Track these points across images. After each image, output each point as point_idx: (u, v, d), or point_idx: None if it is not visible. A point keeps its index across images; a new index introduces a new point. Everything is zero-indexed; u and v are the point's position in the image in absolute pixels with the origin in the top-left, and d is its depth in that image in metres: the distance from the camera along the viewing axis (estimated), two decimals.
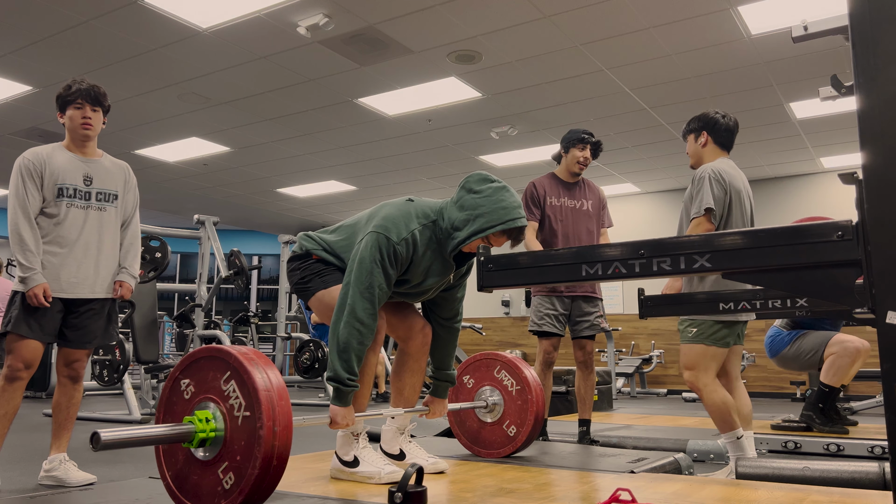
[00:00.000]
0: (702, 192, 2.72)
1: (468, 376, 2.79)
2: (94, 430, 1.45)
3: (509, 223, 2.09)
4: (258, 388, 1.55)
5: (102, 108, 2.78)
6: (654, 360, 9.16)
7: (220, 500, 1.57)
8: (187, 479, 1.64)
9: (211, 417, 1.60)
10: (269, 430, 1.53)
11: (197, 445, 1.60)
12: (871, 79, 1.12)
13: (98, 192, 2.77)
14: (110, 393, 7.56)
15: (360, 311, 2.03)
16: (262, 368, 1.60)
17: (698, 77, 5.96)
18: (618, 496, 1.70)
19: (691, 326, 2.75)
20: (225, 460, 1.58)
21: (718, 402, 2.70)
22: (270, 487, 1.57)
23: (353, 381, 2.04)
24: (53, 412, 2.76)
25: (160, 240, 5.02)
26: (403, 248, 2.10)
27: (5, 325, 2.62)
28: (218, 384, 1.62)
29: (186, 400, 1.68)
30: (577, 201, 3.65)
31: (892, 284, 1.08)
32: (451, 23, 4.98)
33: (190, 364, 1.70)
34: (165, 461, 1.70)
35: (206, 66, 5.76)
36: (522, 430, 2.64)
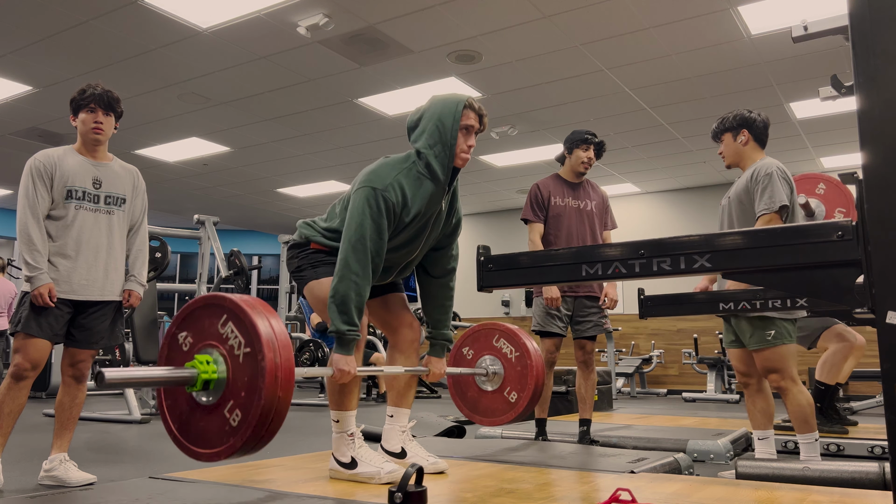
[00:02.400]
0: (772, 189, 2.70)
1: (468, 347, 2.80)
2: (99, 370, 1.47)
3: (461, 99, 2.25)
4: (256, 324, 1.57)
5: (115, 113, 2.80)
6: (654, 360, 9.16)
7: (228, 438, 1.57)
8: (194, 426, 1.65)
9: (211, 360, 1.62)
10: (272, 362, 1.54)
11: (200, 388, 1.60)
12: (871, 79, 1.12)
13: (107, 196, 2.79)
14: (110, 393, 7.56)
15: (354, 262, 2.08)
16: (258, 308, 1.62)
17: (698, 77, 5.96)
18: (618, 496, 1.70)
19: (768, 329, 2.69)
20: (230, 399, 1.59)
21: (805, 404, 2.70)
22: (278, 421, 1.57)
23: (353, 331, 2.08)
24: (56, 412, 2.77)
25: (160, 240, 5.02)
26: (392, 194, 2.14)
27: (15, 324, 2.63)
28: (215, 329, 1.64)
29: (185, 352, 1.69)
30: (581, 201, 3.65)
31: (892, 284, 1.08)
32: (451, 23, 4.98)
33: (185, 317, 1.71)
34: (170, 414, 1.70)
35: (206, 66, 5.76)
36: (523, 395, 2.64)
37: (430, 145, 2.23)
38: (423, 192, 2.21)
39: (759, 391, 2.87)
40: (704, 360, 8.14)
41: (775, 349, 2.69)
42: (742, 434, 3.71)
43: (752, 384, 2.87)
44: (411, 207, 2.19)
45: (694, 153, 8.20)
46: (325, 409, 6.47)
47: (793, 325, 2.75)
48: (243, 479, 2.23)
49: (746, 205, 2.81)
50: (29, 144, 7.65)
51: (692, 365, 8.96)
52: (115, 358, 5.37)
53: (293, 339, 7.79)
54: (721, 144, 2.97)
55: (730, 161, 2.95)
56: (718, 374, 8.00)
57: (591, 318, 3.55)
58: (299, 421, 5.39)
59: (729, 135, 2.92)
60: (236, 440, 1.55)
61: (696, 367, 8.78)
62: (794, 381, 2.72)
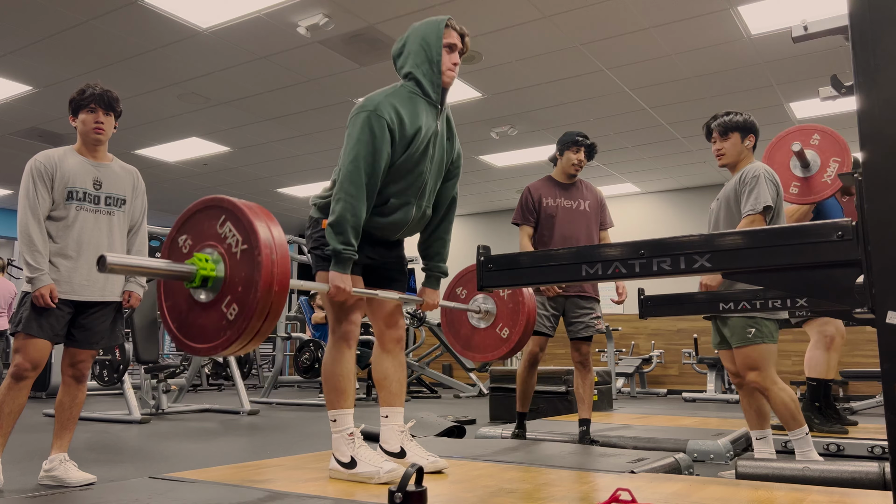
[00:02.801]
0: (758, 190, 2.73)
1: (461, 287, 2.85)
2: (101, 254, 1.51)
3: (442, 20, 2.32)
4: (253, 221, 1.62)
5: (115, 112, 2.80)
6: (654, 360, 9.16)
7: (225, 331, 1.62)
8: (193, 324, 1.70)
9: (210, 258, 1.66)
10: (268, 258, 1.59)
11: (199, 283, 1.65)
12: (871, 79, 1.12)
13: (107, 197, 2.79)
14: (110, 393, 7.56)
15: (348, 184, 2.16)
16: (254, 209, 1.67)
17: (698, 77, 5.96)
18: (618, 496, 1.70)
19: (750, 327, 2.72)
20: (227, 295, 1.64)
21: (787, 400, 2.72)
22: (274, 315, 1.61)
23: (349, 250, 2.13)
24: (56, 411, 2.77)
25: (160, 240, 5.03)
26: (385, 113, 2.20)
27: (15, 324, 2.63)
28: (214, 230, 1.69)
29: (185, 254, 1.73)
30: (574, 201, 3.67)
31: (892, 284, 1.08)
32: None
33: (185, 221, 1.76)
34: (170, 314, 1.76)
35: (206, 66, 5.76)
36: (515, 331, 2.69)
37: (417, 65, 2.31)
38: (415, 109, 2.28)
39: (753, 391, 2.89)
40: (704, 360, 8.14)
41: (756, 347, 2.72)
42: (742, 434, 3.71)
43: (745, 384, 2.89)
44: (407, 122, 2.25)
45: (694, 153, 8.20)
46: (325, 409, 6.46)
47: (775, 325, 2.77)
48: (243, 479, 2.23)
49: (733, 207, 2.84)
50: (29, 144, 7.65)
51: (692, 365, 8.96)
52: (115, 358, 5.37)
53: (293, 339, 7.81)
54: (721, 140, 2.93)
55: (729, 160, 2.93)
56: (718, 374, 7.99)
57: (582, 319, 3.57)
58: (299, 421, 5.39)
59: (738, 134, 2.91)
60: (232, 333, 1.60)
61: (696, 367, 8.78)
62: (774, 381, 2.74)
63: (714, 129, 2.96)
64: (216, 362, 8.39)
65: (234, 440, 4.22)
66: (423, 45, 2.31)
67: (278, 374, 7.53)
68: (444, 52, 2.32)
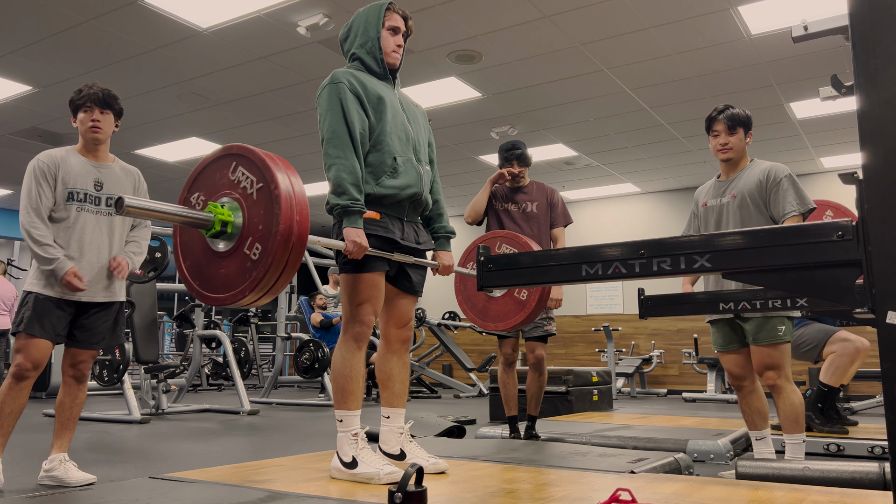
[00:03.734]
0: (798, 191, 2.74)
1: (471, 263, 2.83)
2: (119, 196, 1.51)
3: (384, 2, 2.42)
4: (265, 160, 1.62)
5: (113, 110, 2.79)
6: (654, 360, 9.16)
7: (250, 272, 1.60)
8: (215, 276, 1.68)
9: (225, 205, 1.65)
10: (286, 191, 1.58)
11: (219, 228, 1.63)
12: (871, 79, 1.12)
13: (108, 198, 2.79)
14: (110, 393, 7.56)
15: (332, 149, 2.25)
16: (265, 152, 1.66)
17: (698, 77, 5.96)
18: (618, 496, 1.70)
19: (780, 325, 2.70)
20: (248, 237, 1.62)
21: (797, 403, 2.72)
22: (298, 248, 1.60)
23: (356, 202, 2.19)
24: (57, 412, 2.77)
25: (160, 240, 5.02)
26: (346, 80, 2.32)
27: (17, 324, 2.63)
28: (227, 179, 1.68)
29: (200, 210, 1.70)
30: (521, 205, 3.78)
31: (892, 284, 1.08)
32: (451, 23, 4.98)
33: (196, 177, 1.76)
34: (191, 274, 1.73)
35: (206, 66, 5.76)
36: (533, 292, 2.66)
37: (361, 44, 2.43)
38: (371, 80, 2.40)
39: (753, 392, 2.88)
40: (704, 360, 8.14)
41: (782, 346, 2.71)
42: (742, 434, 3.71)
43: (745, 386, 2.88)
44: (368, 87, 2.35)
45: (694, 153, 8.20)
46: (325, 409, 6.47)
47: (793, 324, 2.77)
48: (243, 479, 2.23)
49: (760, 205, 2.80)
50: (29, 144, 7.65)
51: (692, 365, 8.96)
52: (116, 358, 5.36)
53: (293, 339, 7.80)
54: (728, 135, 2.89)
55: (735, 155, 2.90)
56: (718, 374, 7.99)
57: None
58: (299, 421, 5.40)
59: (743, 130, 2.91)
60: (258, 272, 1.58)
61: (696, 367, 8.78)
62: (789, 380, 2.74)
63: (720, 121, 2.89)
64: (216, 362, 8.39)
65: (234, 440, 4.22)
66: (367, 26, 2.43)
67: (278, 374, 7.53)
68: (388, 34, 2.43)
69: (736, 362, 2.88)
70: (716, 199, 2.95)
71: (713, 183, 3.01)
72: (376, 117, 2.34)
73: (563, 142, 7.70)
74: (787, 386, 2.72)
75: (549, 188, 3.87)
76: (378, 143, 2.33)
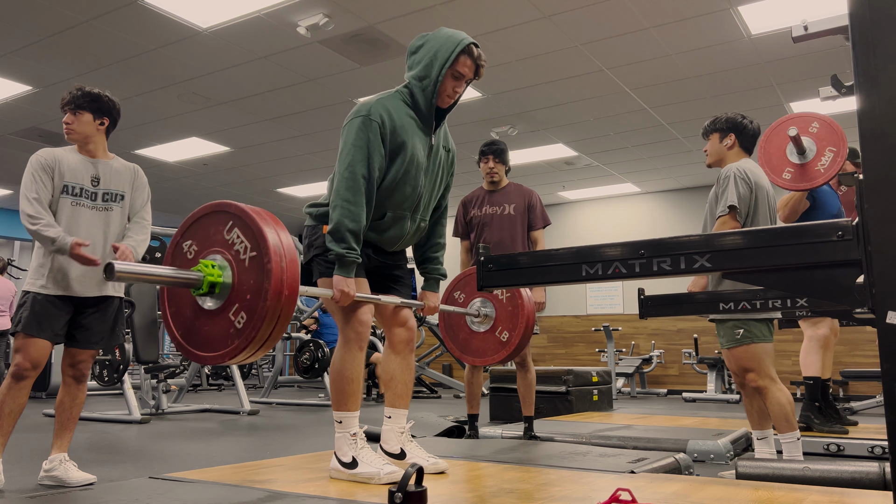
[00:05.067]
0: (727, 192, 2.76)
1: (459, 291, 2.84)
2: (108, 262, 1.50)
3: (463, 42, 2.24)
4: (262, 228, 1.59)
5: (88, 109, 2.77)
6: (654, 360, 9.16)
7: (233, 339, 1.59)
8: (198, 332, 1.66)
9: (216, 264, 1.63)
10: (277, 265, 1.56)
11: (206, 290, 1.62)
12: (871, 79, 1.12)
13: (105, 193, 2.79)
14: (110, 393, 7.56)
15: (344, 191, 2.15)
16: (262, 214, 1.64)
17: (698, 77, 5.96)
18: (618, 496, 1.70)
19: (738, 328, 2.73)
20: (235, 303, 1.60)
21: (784, 402, 2.73)
22: (283, 322, 1.59)
23: (352, 253, 2.12)
24: (56, 411, 2.77)
25: (160, 240, 5.02)
26: (376, 115, 2.19)
27: (15, 324, 2.64)
28: (221, 236, 1.66)
29: (190, 260, 1.70)
30: (499, 207, 3.77)
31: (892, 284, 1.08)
32: (451, 23, 4.98)
33: (190, 226, 1.73)
34: (174, 321, 1.72)
35: (206, 66, 5.76)
36: (514, 334, 2.68)
37: (419, 78, 2.27)
38: (407, 120, 2.25)
39: (755, 391, 2.89)
40: (704, 360, 8.14)
41: (746, 347, 2.73)
42: (742, 434, 3.71)
43: (747, 385, 2.89)
44: (398, 128, 2.22)
45: (694, 153, 8.20)
46: (325, 409, 6.47)
47: (767, 325, 2.77)
48: (243, 479, 2.23)
49: (714, 208, 2.87)
50: (29, 144, 7.64)
51: (692, 365, 8.96)
52: (115, 358, 5.36)
53: (293, 339, 7.81)
54: (705, 141, 3.03)
55: (711, 160, 3.02)
56: (718, 374, 8.00)
57: None
58: (299, 421, 5.39)
59: (717, 135, 2.99)
60: (241, 341, 1.57)
61: (696, 367, 8.78)
62: (773, 380, 2.75)
63: (701, 133, 3.08)
64: None
65: (234, 440, 4.22)
66: (433, 61, 2.24)
67: (278, 374, 7.54)
68: (450, 77, 2.25)
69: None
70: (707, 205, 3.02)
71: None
72: (388, 164, 2.25)
73: (563, 142, 7.70)
74: (772, 386, 2.74)
75: (527, 190, 3.87)
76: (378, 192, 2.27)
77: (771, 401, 2.73)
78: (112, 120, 2.84)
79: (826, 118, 3.55)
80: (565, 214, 10.63)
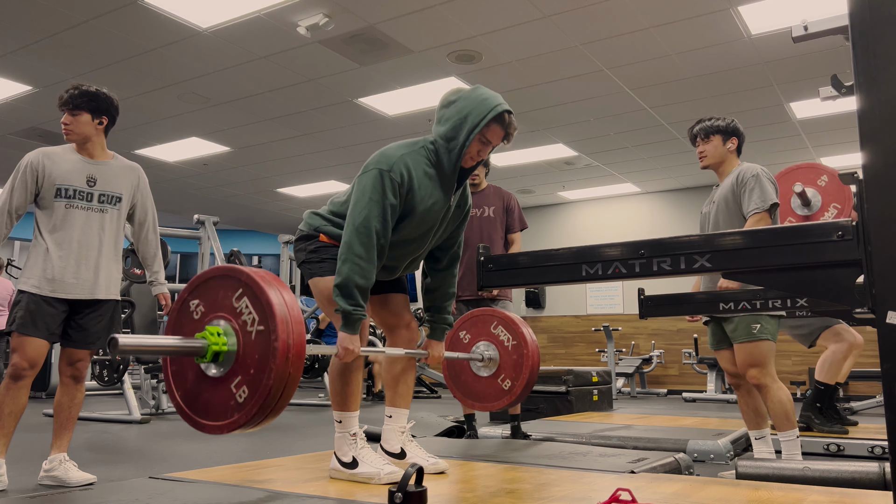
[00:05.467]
0: (762, 189, 2.77)
1: (465, 331, 2.81)
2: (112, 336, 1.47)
3: (497, 108, 2.15)
4: (272, 303, 1.55)
5: (86, 109, 2.75)
6: (654, 360, 9.16)
7: (233, 413, 1.56)
8: (198, 397, 1.64)
9: (222, 332, 1.60)
10: (284, 343, 1.53)
11: (210, 359, 1.59)
12: (871, 79, 1.12)
13: (101, 194, 2.78)
14: (110, 393, 7.56)
15: (358, 247, 2.06)
16: (275, 285, 1.60)
17: (698, 77, 5.96)
18: (618, 496, 1.70)
19: (754, 323, 2.74)
20: (238, 374, 1.58)
21: (784, 400, 2.74)
22: (285, 400, 1.57)
23: (358, 311, 2.06)
24: (55, 412, 2.76)
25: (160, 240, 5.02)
26: (397, 174, 2.12)
27: (10, 324, 2.64)
28: (230, 302, 1.62)
29: (196, 320, 1.67)
30: (478, 209, 3.77)
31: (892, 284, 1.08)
32: (451, 23, 4.98)
33: (199, 285, 1.70)
34: (175, 381, 1.69)
35: (206, 66, 5.76)
36: (517, 384, 2.65)
37: (446, 138, 2.20)
38: (428, 181, 2.19)
39: (751, 391, 2.90)
40: (704, 360, 8.14)
41: (759, 343, 2.74)
42: (742, 434, 3.71)
43: (743, 384, 2.90)
44: (417, 192, 2.16)
45: (694, 153, 8.16)
46: (324, 409, 6.47)
47: (776, 323, 2.80)
48: (243, 479, 2.23)
49: (733, 208, 2.86)
50: (29, 144, 7.64)
51: (692, 365, 8.96)
52: (115, 358, 5.36)
53: None
54: (703, 143, 3.00)
55: (711, 162, 3.00)
56: (718, 374, 7.99)
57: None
58: (299, 421, 5.39)
59: (720, 137, 2.98)
60: (241, 416, 1.54)
61: (696, 367, 8.78)
62: (774, 378, 2.77)
63: (697, 132, 3.04)
64: None
65: (234, 440, 4.22)
66: (462, 121, 2.16)
67: None
68: (478, 141, 2.18)
69: (726, 359, 2.94)
70: (707, 207, 3.05)
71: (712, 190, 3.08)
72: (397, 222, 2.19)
73: (563, 142, 7.70)
74: (773, 384, 2.75)
75: (505, 192, 3.88)
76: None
77: (772, 398, 2.74)
78: (111, 118, 2.83)
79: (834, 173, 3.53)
80: (565, 214, 10.63)
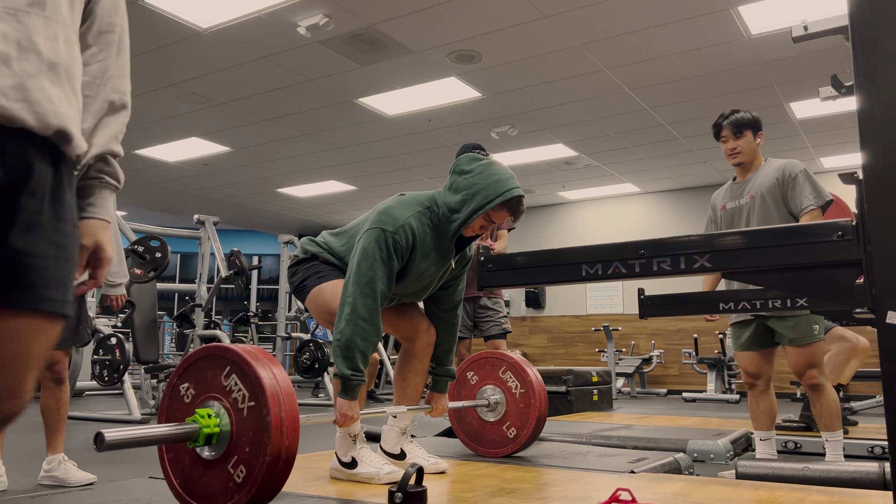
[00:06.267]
0: (813, 185, 2.77)
1: (472, 372, 2.79)
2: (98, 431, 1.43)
3: (506, 194, 2.10)
4: (260, 377, 1.54)
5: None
6: (654, 360, 9.16)
7: (233, 495, 1.55)
8: (197, 482, 1.62)
9: (213, 413, 1.59)
10: (276, 417, 1.52)
11: (203, 443, 1.58)
12: (871, 79, 1.12)
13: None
14: (110, 393, 7.56)
15: (362, 308, 2.02)
16: (261, 359, 1.59)
17: (698, 77, 5.96)
18: (618, 496, 1.70)
19: (815, 324, 2.73)
20: (234, 455, 1.56)
21: (835, 400, 2.75)
22: (283, 476, 1.55)
23: (357, 377, 2.04)
24: (43, 415, 2.75)
25: (160, 240, 5.02)
26: (402, 237, 2.11)
27: None
28: (218, 381, 1.61)
29: (187, 404, 1.65)
30: None
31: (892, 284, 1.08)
32: (451, 23, 4.98)
33: (187, 367, 1.68)
34: (172, 469, 1.67)
35: (206, 66, 5.76)
36: (523, 432, 2.63)
37: (451, 209, 2.15)
38: (430, 243, 2.19)
39: (765, 392, 2.88)
40: (704, 360, 8.14)
41: (819, 344, 2.75)
42: (742, 434, 3.71)
43: (758, 385, 2.88)
44: (418, 253, 2.17)
45: (694, 153, 8.20)
46: (324, 409, 6.47)
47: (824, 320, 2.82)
48: None
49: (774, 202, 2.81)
50: None
51: (692, 365, 8.96)
52: (115, 358, 5.36)
53: (293, 339, 7.81)
54: (735, 139, 2.90)
55: (746, 158, 2.90)
56: (718, 374, 7.99)
57: (490, 319, 3.80)
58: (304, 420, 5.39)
59: (751, 132, 2.90)
60: (241, 497, 1.53)
61: (696, 367, 8.78)
62: (826, 378, 2.78)
63: (726, 127, 2.91)
64: None
65: None
66: (470, 198, 2.11)
67: None
68: (481, 218, 2.14)
69: (754, 361, 2.89)
70: (735, 202, 2.94)
71: (729, 186, 3.01)
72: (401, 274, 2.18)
73: (563, 142, 7.70)
74: (827, 384, 2.76)
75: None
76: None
77: (828, 397, 2.75)
78: None
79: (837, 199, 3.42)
80: (565, 214, 10.63)
